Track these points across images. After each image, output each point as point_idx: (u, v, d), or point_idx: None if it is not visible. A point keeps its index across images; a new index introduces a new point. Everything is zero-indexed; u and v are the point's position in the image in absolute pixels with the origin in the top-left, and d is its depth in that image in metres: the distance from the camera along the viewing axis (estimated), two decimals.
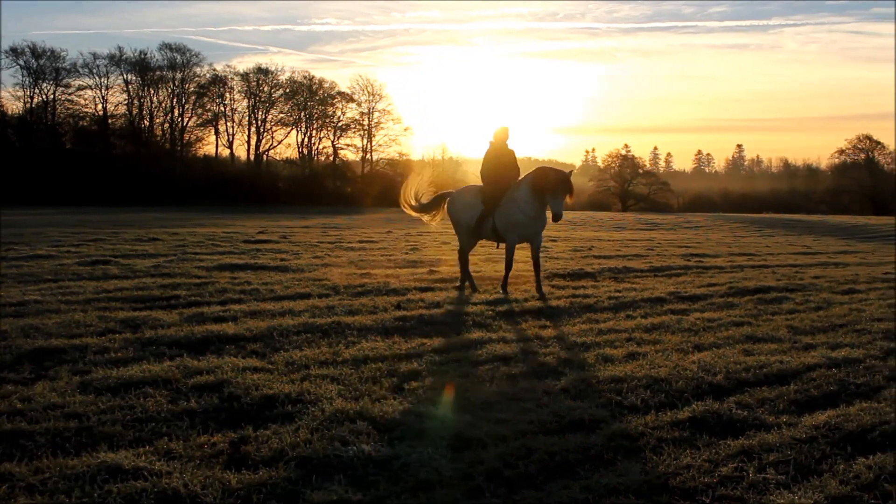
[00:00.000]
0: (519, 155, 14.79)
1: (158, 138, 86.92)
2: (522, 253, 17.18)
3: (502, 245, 14.42)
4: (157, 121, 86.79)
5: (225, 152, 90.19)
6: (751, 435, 6.37)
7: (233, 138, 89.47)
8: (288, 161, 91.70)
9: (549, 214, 13.75)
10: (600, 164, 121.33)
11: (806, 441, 6.27)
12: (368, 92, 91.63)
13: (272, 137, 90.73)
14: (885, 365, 8.97)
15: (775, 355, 9.17)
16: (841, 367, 8.65)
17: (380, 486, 5.14)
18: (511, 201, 13.91)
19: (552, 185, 13.33)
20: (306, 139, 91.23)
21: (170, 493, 4.93)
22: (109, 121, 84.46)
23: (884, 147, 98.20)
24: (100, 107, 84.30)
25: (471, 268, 14.74)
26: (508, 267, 14.23)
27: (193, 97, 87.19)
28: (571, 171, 13.90)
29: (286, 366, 8.07)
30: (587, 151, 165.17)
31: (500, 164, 14.35)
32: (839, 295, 14.88)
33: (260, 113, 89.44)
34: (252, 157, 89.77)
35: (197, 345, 8.85)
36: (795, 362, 8.80)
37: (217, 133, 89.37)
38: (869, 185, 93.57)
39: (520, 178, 14.16)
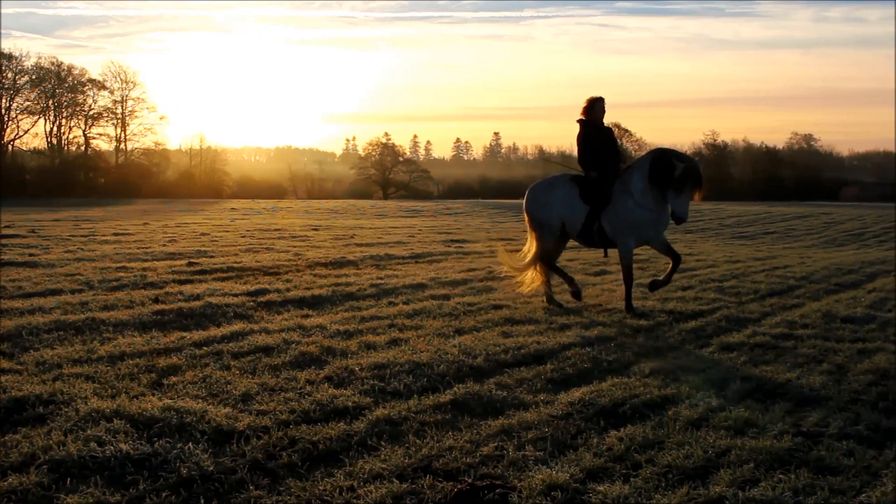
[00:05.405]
0: (282, 145, 14.03)
1: None
2: (277, 239, 17.00)
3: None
4: None
5: None
6: (510, 414, 6.58)
7: None
8: (35, 152, 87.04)
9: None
10: (361, 152, 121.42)
11: (562, 417, 6.54)
12: (121, 79, 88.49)
13: (18, 127, 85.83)
14: (634, 342, 9.48)
15: (532, 336, 9.49)
16: (594, 346, 9.08)
17: (139, 485, 4.99)
18: (623, 195, 11.42)
19: (679, 176, 10.85)
20: (55, 128, 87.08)
21: None
22: None
23: (631, 134, 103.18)
24: None
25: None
26: (629, 280, 11.66)
27: None
28: (699, 160, 11.52)
29: (37, 366, 7.68)
30: (348, 140, 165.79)
31: (601, 147, 11.75)
32: (592, 276, 15.57)
33: (3, 101, 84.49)
34: None
35: None
36: (552, 342, 9.15)
37: None
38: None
39: (628, 165, 11.83)
